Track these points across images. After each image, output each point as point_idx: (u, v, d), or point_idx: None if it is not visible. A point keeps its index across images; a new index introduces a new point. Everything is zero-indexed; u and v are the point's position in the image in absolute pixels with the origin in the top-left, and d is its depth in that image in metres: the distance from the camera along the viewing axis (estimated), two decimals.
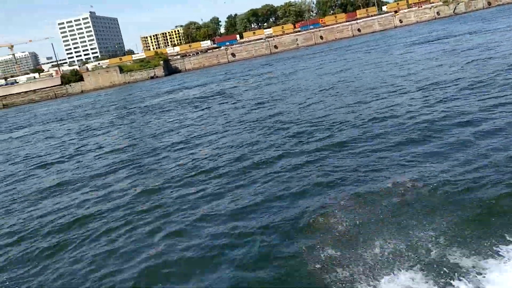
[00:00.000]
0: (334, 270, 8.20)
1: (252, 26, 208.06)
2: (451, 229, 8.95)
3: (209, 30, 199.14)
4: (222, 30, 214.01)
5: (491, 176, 11.23)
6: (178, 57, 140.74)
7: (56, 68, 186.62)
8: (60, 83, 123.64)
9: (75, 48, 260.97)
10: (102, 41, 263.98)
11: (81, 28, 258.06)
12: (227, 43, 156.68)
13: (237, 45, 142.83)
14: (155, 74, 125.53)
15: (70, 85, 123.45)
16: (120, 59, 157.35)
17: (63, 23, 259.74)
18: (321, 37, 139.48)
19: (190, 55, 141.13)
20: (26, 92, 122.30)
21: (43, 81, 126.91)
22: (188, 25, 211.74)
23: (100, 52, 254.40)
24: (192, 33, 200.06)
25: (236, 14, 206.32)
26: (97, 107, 62.14)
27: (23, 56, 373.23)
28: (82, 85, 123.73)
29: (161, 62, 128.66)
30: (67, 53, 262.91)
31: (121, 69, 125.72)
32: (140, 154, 22.31)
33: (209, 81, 73.34)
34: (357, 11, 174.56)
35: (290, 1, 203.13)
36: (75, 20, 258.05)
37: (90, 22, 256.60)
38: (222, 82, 65.46)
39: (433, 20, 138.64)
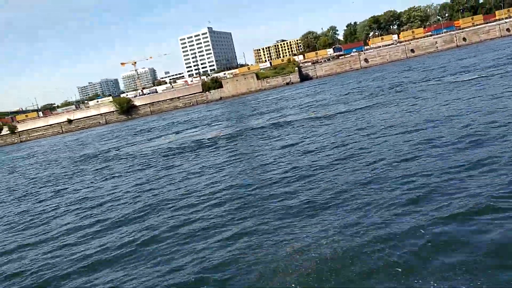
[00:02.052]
0: None
1: (372, 33, 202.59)
2: None
3: (328, 39, 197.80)
4: (340, 38, 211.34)
5: None
6: (309, 64, 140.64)
7: (185, 79, 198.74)
8: (201, 90, 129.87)
9: (193, 61, 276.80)
10: (217, 55, 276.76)
11: (200, 43, 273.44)
12: (354, 50, 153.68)
13: (369, 51, 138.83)
14: (290, 80, 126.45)
15: (210, 92, 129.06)
16: (248, 68, 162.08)
17: (184, 39, 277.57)
18: (464, 39, 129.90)
19: (321, 62, 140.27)
20: (171, 99, 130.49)
21: (186, 89, 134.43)
22: (306, 35, 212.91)
23: (216, 64, 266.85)
24: (311, 42, 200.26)
25: (355, 22, 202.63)
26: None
27: (143, 72, 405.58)
28: (221, 91, 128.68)
29: (296, 68, 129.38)
30: (187, 66, 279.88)
31: (257, 76, 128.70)
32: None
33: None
34: (496, 12, 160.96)
35: (413, 6, 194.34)
36: (195, 36, 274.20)
37: (209, 37, 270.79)
38: None
39: None
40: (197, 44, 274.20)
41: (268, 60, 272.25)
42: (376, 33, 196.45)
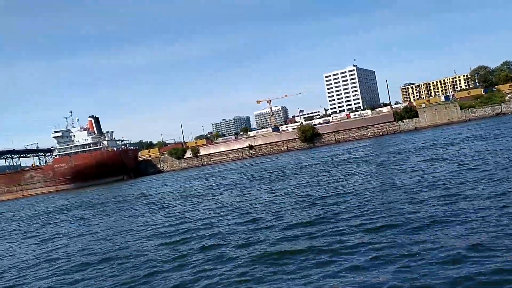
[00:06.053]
0: None
1: None
2: None
3: (508, 73, 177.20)
4: None
5: None
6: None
7: (346, 113, 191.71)
8: (392, 119, 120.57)
9: (338, 98, 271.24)
10: (362, 92, 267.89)
11: (346, 80, 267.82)
12: None
13: None
14: (501, 111, 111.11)
15: (403, 122, 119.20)
16: (428, 100, 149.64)
17: (329, 76, 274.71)
18: None
19: None
20: (358, 128, 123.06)
21: (374, 118, 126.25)
22: (477, 70, 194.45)
23: (362, 102, 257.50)
24: (487, 77, 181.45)
25: None
26: None
27: (276, 110, 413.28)
28: (416, 121, 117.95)
29: (507, 98, 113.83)
30: (330, 104, 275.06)
31: (460, 106, 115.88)
32: None
33: None
34: None
35: None
36: (341, 73, 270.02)
37: (356, 74, 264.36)
38: None
39: None
40: (343, 81, 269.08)
41: (414, 98, 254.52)
42: None
